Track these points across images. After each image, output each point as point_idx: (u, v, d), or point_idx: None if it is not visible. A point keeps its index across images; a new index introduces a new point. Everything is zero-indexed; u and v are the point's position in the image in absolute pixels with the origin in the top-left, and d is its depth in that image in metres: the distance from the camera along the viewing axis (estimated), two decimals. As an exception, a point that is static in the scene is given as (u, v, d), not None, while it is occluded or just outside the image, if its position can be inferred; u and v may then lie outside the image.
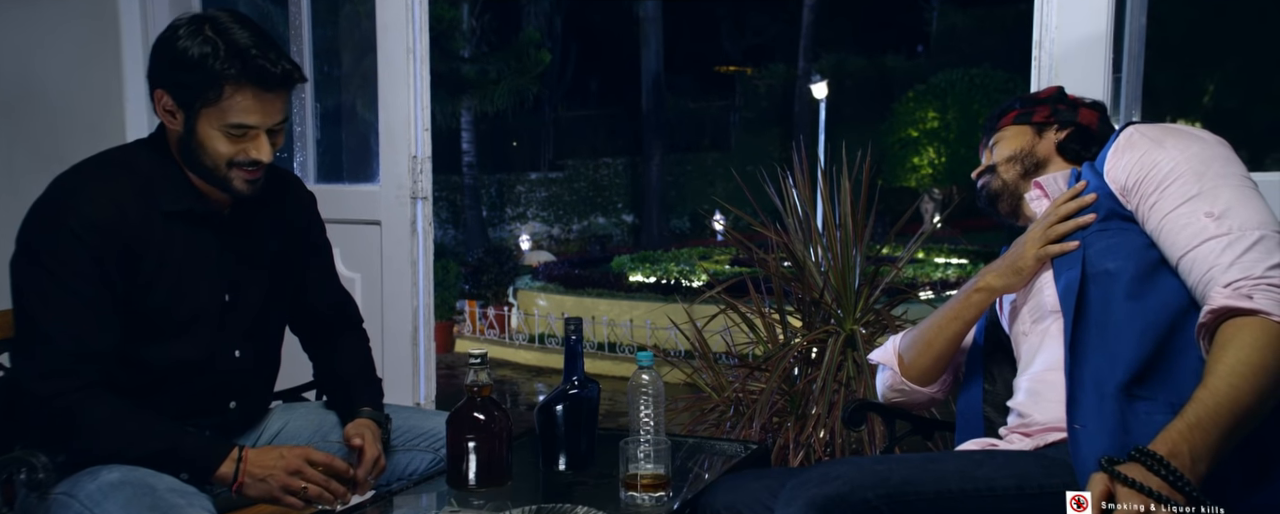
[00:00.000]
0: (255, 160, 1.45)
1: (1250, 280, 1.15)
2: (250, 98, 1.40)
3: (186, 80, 1.39)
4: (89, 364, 1.40)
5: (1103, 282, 1.27)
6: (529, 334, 8.85)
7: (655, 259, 11.11)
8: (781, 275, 2.67)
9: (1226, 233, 1.19)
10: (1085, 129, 1.48)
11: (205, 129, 1.42)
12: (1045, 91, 1.58)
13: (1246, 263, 1.16)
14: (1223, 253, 1.18)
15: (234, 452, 1.43)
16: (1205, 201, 1.22)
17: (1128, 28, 1.99)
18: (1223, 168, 1.25)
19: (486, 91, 12.07)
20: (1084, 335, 1.26)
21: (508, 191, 18.74)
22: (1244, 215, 1.20)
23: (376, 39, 2.56)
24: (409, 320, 2.57)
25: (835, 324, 2.57)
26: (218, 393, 1.58)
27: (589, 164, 19.14)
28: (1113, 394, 1.18)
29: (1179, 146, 1.27)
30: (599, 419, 1.60)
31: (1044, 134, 1.50)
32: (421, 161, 2.55)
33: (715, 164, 18.53)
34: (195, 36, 1.38)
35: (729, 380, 2.68)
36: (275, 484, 1.42)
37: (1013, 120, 1.54)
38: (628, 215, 18.90)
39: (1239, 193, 1.23)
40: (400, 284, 2.56)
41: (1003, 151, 1.52)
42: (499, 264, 10.31)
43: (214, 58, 1.37)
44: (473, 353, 1.53)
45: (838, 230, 2.58)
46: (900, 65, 17.54)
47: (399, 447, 1.71)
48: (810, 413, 2.45)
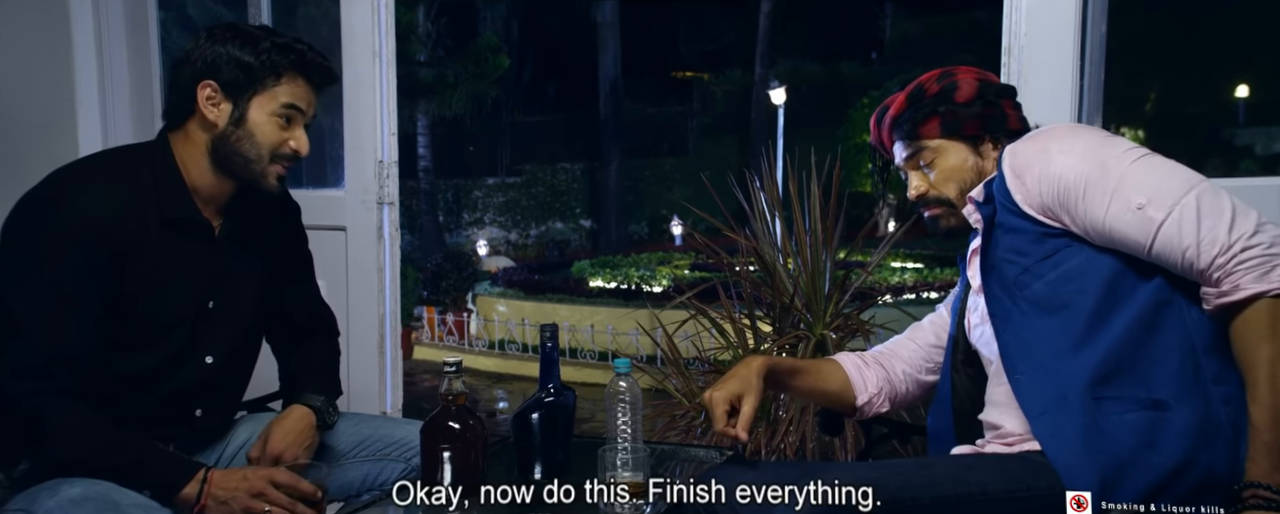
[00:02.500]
0: (295, 153, 1.51)
1: (1226, 259, 1.15)
2: (302, 86, 1.50)
3: (244, 67, 1.45)
4: (63, 367, 1.37)
5: (1061, 314, 1.26)
6: (489, 340, 8.78)
7: (615, 264, 11.09)
8: (751, 280, 2.67)
9: (1165, 216, 1.18)
10: (1013, 135, 1.41)
11: (257, 115, 1.47)
12: (949, 83, 1.43)
13: (1209, 240, 1.16)
14: (1180, 237, 1.17)
15: (200, 473, 1.40)
16: (1127, 195, 1.21)
17: (1089, 35, 2.02)
18: (1112, 152, 1.24)
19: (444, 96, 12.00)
20: (1027, 352, 1.28)
21: (464, 197, 18.61)
22: (1165, 188, 1.19)
23: (341, 42, 2.51)
24: (376, 328, 2.52)
25: (805, 329, 2.59)
26: (185, 400, 1.55)
27: (547, 169, 19.08)
28: (1077, 399, 1.20)
29: (1063, 150, 1.26)
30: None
31: (981, 150, 1.42)
32: (388, 166, 2.51)
33: (673, 169, 18.58)
34: (246, 33, 1.48)
35: (699, 386, 2.67)
36: (237, 507, 1.39)
37: (940, 132, 1.42)
38: (586, 220, 18.88)
39: (1144, 168, 1.22)
40: (366, 291, 2.52)
41: (944, 178, 1.42)
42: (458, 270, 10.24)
43: (273, 50, 1.46)
44: (448, 361, 1.51)
45: (808, 235, 2.59)
46: (855, 72, 17.74)
47: (369, 457, 1.69)
48: (780, 417, 2.45)
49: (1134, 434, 1.17)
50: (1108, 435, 1.17)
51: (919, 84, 1.45)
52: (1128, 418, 1.18)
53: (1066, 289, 1.26)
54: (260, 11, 2.80)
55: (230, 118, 1.47)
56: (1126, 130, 11.16)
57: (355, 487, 1.69)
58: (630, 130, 18.69)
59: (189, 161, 1.50)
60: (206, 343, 1.54)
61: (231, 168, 1.49)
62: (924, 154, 1.43)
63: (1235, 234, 1.15)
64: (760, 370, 1.44)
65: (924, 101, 1.42)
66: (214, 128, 1.48)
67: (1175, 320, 1.22)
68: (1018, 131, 1.41)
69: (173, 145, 1.50)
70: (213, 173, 1.50)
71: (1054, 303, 1.27)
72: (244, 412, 1.76)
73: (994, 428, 1.37)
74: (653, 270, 10.15)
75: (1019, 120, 1.43)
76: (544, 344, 1.57)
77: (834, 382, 1.56)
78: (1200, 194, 1.18)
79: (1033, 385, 1.27)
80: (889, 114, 1.47)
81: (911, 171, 1.46)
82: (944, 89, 1.42)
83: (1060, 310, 1.26)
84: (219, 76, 1.45)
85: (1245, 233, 1.16)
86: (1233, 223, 1.16)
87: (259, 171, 1.49)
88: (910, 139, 1.44)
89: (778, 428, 2.48)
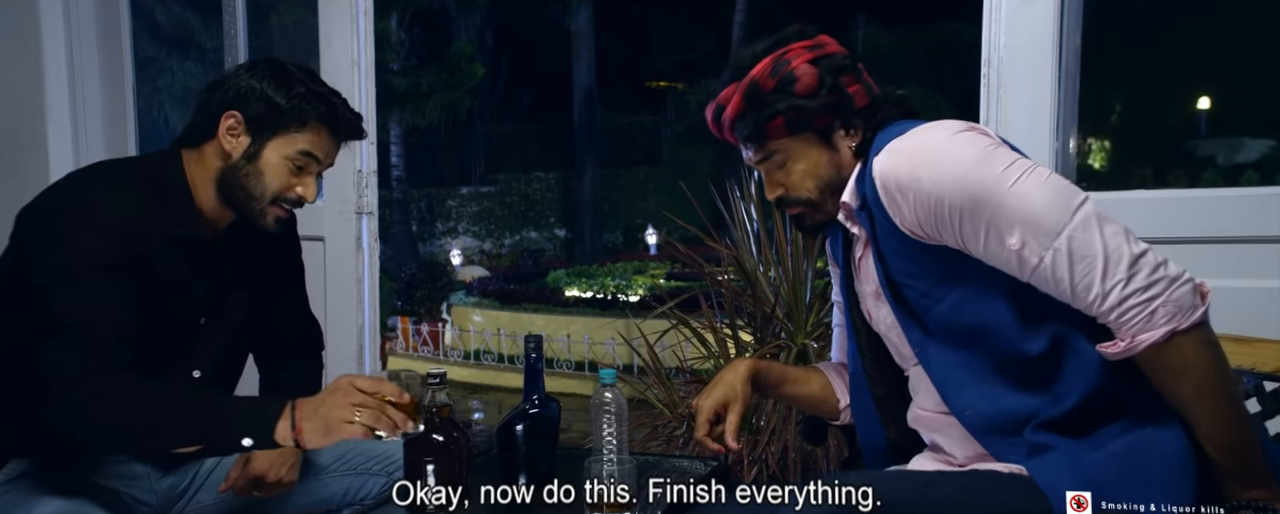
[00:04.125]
0: (299, 200, 1.48)
1: (1105, 310, 1.11)
2: (325, 137, 1.48)
3: (272, 106, 1.44)
4: (123, 347, 1.34)
5: (979, 344, 1.21)
6: (464, 350, 8.72)
7: (591, 273, 11.08)
8: (732, 289, 2.68)
9: (1037, 261, 1.12)
10: (865, 114, 1.29)
11: (271, 156, 1.45)
12: (785, 75, 1.28)
13: (1084, 286, 1.10)
14: (1055, 282, 1.12)
15: (285, 405, 1.33)
16: (1001, 230, 1.13)
17: (1064, 47, 2.05)
18: (986, 174, 1.14)
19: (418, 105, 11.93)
20: (963, 388, 1.24)
21: (438, 206, 18.50)
22: (1039, 226, 1.11)
23: (319, 50, 2.50)
24: (354, 339, 2.50)
25: (786, 338, 2.59)
26: None
27: (521, 178, 19.02)
28: (1024, 437, 1.18)
29: (934, 179, 1.15)
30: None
31: (835, 144, 1.30)
32: (367, 176, 2.50)
33: (647, 178, 18.60)
34: (285, 73, 1.47)
35: (680, 396, 2.67)
36: (329, 413, 1.29)
37: (787, 132, 1.29)
38: (560, 229, 18.84)
39: (1019, 198, 1.12)
40: (345, 302, 2.50)
41: (801, 177, 1.31)
42: (432, 280, 10.17)
43: (307, 97, 1.45)
44: (431, 372, 1.49)
45: (789, 244, 2.60)
46: (828, 82, 17.83)
47: (350, 470, 1.68)
48: (761, 426, 2.45)
49: (1120, 465, 1.14)
50: (1094, 475, 1.14)
51: (753, 80, 1.29)
52: (1113, 447, 1.16)
53: (970, 311, 1.21)
54: (236, 19, 2.77)
55: (245, 152, 1.46)
56: (1093, 141, 11.33)
57: (336, 501, 1.67)
58: (604, 139, 18.69)
59: (198, 182, 1.49)
60: (195, 357, 1.52)
61: (233, 201, 1.48)
62: (775, 157, 1.31)
63: (1110, 282, 1.09)
64: (747, 376, 1.42)
65: (762, 99, 1.29)
66: (228, 158, 1.46)
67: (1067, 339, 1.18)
68: (867, 109, 1.29)
69: (185, 163, 1.49)
70: (216, 199, 1.49)
71: (965, 328, 1.21)
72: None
73: (936, 449, 1.34)
74: (628, 279, 10.14)
75: (866, 94, 1.30)
76: (528, 355, 1.56)
77: (818, 388, 1.53)
78: (1072, 235, 1.10)
79: (986, 424, 1.23)
80: (727, 115, 1.32)
81: (764, 172, 1.36)
82: (781, 82, 1.28)
83: (977, 337, 1.21)
84: (246, 109, 1.44)
85: (1120, 280, 1.09)
86: (1105, 268, 1.09)
87: (258, 210, 1.47)
88: (756, 142, 1.31)
89: (759, 438, 2.48)
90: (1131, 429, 1.16)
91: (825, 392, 1.53)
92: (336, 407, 1.28)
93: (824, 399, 1.53)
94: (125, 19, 2.75)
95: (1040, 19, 1.92)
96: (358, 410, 1.27)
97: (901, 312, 1.27)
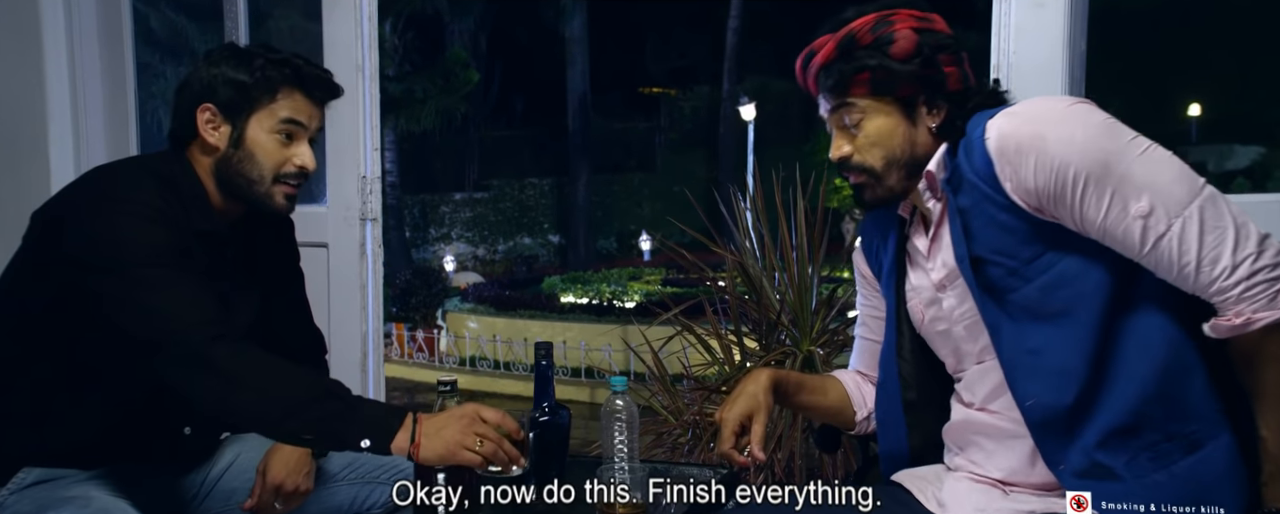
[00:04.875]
0: (301, 170, 1.47)
1: (1230, 284, 1.09)
2: (300, 99, 1.46)
3: (239, 87, 1.42)
4: (224, 318, 1.34)
5: (1060, 322, 1.18)
6: (459, 357, 8.70)
7: (586, 280, 11.07)
8: (737, 296, 2.67)
9: (1166, 228, 1.10)
10: (955, 97, 1.25)
11: (256, 133, 1.44)
12: (884, 34, 1.24)
13: (1212, 258, 1.09)
14: (1181, 252, 1.10)
15: (408, 416, 1.31)
16: (1127, 199, 1.11)
17: (1070, 52, 2.06)
18: (1114, 143, 1.13)
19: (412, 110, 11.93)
20: (1033, 373, 1.21)
21: (432, 212, 18.48)
22: (1169, 195, 1.10)
23: (323, 56, 2.48)
24: (358, 346, 2.48)
25: (792, 345, 2.58)
26: (175, 417, 1.52)
27: (514, 184, 19.02)
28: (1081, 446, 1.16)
29: (1061, 139, 1.13)
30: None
31: (916, 118, 1.26)
32: (371, 181, 2.48)
33: (641, 184, 18.63)
34: (241, 53, 1.45)
35: (685, 403, 2.66)
36: (451, 436, 1.27)
37: (870, 91, 1.25)
38: (554, 236, 18.84)
39: (1147, 167, 1.12)
40: (349, 309, 2.48)
41: (870, 142, 1.27)
42: (427, 286, 10.17)
43: (268, 65, 1.44)
44: (442, 380, 1.48)
45: (794, 251, 2.59)
46: (822, 88, 17.88)
47: (358, 479, 1.66)
48: (771, 433, 2.44)
49: (1181, 485, 1.13)
50: (1156, 496, 1.11)
51: (851, 31, 1.25)
52: (1177, 468, 1.13)
53: (1062, 294, 1.17)
54: (237, 25, 2.76)
55: (230, 139, 1.44)
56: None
57: (344, 509, 1.66)
58: (598, 145, 18.70)
59: (204, 180, 1.48)
60: None
61: (237, 191, 1.46)
62: (850, 112, 1.27)
63: (1241, 255, 1.09)
64: (768, 386, 1.40)
65: (855, 53, 1.24)
66: (216, 151, 1.45)
67: (1185, 334, 1.16)
68: (958, 95, 1.25)
69: (190, 160, 1.48)
70: (221, 195, 1.48)
71: (1051, 311, 1.18)
72: (228, 433, 1.72)
73: (966, 458, 1.31)
74: (624, 286, 10.14)
75: (960, 80, 1.26)
76: (539, 361, 1.55)
77: (835, 397, 1.51)
78: (1203, 205, 1.10)
79: (1046, 418, 1.20)
80: (815, 61, 1.28)
81: (836, 128, 1.30)
82: (878, 40, 1.24)
83: (1059, 318, 1.18)
84: (216, 98, 1.43)
85: (1250, 254, 1.09)
86: (1237, 242, 1.10)
87: (264, 192, 1.46)
88: (836, 94, 1.27)
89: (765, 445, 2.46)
90: (1195, 446, 1.14)
91: (842, 402, 1.51)
92: (460, 432, 1.27)
93: (841, 409, 1.52)
94: (127, 24, 2.73)
95: (1050, 26, 1.93)
96: (480, 439, 1.27)
97: (980, 291, 1.24)
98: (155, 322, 1.30)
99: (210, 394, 1.29)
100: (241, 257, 1.54)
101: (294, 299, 1.71)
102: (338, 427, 1.27)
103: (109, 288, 1.31)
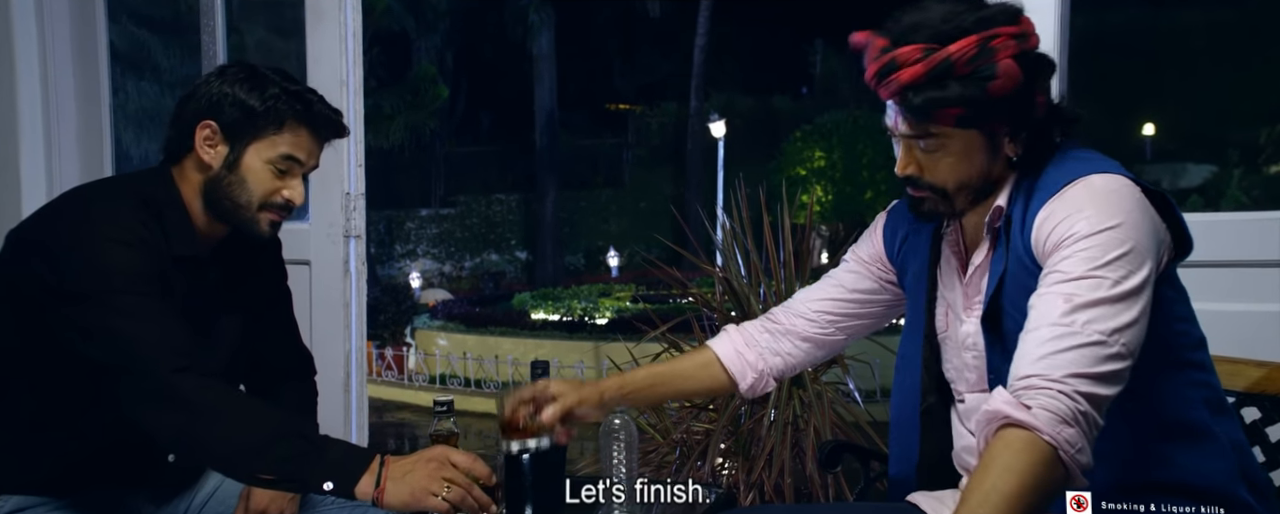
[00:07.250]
0: (288, 202, 1.44)
1: (1043, 381, 1.03)
2: (305, 137, 1.43)
3: (247, 111, 1.39)
4: (195, 351, 1.30)
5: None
6: (429, 375, 8.61)
7: (556, 296, 11.03)
8: (724, 312, 2.67)
9: (1068, 325, 1.04)
10: (1037, 126, 1.20)
11: (252, 161, 1.41)
12: (986, 68, 1.13)
13: (1054, 361, 1.03)
14: (1045, 342, 1.05)
15: (375, 459, 1.26)
16: (1083, 287, 1.06)
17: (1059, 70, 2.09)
18: (1123, 263, 1.08)
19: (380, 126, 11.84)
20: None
21: (397, 228, 18.33)
22: (1106, 319, 1.05)
23: (307, 70, 2.45)
24: (341, 366, 2.44)
25: (779, 361, 2.58)
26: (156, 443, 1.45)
27: (481, 200, 18.94)
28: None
29: (1095, 219, 1.09)
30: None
31: (997, 148, 1.19)
32: (355, 198, 2.45)
33: (609, 201, 18.64)
34: (257, 76, 1.42)
35: (672, 421, 2.64)
36: (417, 481, 1.23)
37: (957, 123, 1.16)
38: (521, 252, 18.76)
39: (1114, 298, 1.06)
40: (332, 327, 2.44)
41: (948, 169, 1.21)
42: (396, 303, 10.07)
43: (282, 97, 1.40)
44: (438, 400, 1.48)
45: (781, 267, 2.60)
46: (787, 106, 18.09)
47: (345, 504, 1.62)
48: (760, 451, 2.44)
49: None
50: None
51: (948, 58, 1.13)
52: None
53: None
54: (215, 40, 2.71)
55: (224, 161, 1.41)
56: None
57: (330, 536, 1.62)
58: (566, 162, 18.70)
59: (187, 199, 1.44)
60: None
61: (222, 212, 1.43)
62: (930, 139, 1.19)
63: (1070, 376, 1.04)
64: (599, 384, 1.43)
65: (948, 82, 1.13)
66: (208, 169, 1.42)
67: (1181, 399, 1.16)
68: (1042, 123, 1.19)
69: (175, 180, 1.45)
70: (206, 214, 1.44)
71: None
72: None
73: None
74: (595, 302, 10.11)
75: (1046, 107, 1.20)
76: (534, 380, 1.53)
77: (703, 380, 1.51)
78: (1105, 342, 1.04)
79: None
80: (899, 77, 1.15)
81: (905, 144, 1.22)
82: (977, 72, 1.13)
83: None
84: (220, 117, 1.40)
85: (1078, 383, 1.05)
86: (1079, 374, 1.03)
87: (249, 217, 1.43)
88: (918, 118, 1.17)
89: (754, 464, 2.46)
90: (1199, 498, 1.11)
91: (714, 381, 1.51)
92: (426, 477, 1.23)
93: (714, 388, 1.54)
94: (103, 42, 2.68)
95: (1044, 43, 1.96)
96: (448, 485, 1.23)
97: (990, 335, 1.23)
98: (121, 348, 1.26)
99: (169, 427, 1.26)
100: (225, 278, 1.51)
101: (281, 319, 1.68)
102: (300, 468, 1.23)
103: (80, 314, 1.28)
